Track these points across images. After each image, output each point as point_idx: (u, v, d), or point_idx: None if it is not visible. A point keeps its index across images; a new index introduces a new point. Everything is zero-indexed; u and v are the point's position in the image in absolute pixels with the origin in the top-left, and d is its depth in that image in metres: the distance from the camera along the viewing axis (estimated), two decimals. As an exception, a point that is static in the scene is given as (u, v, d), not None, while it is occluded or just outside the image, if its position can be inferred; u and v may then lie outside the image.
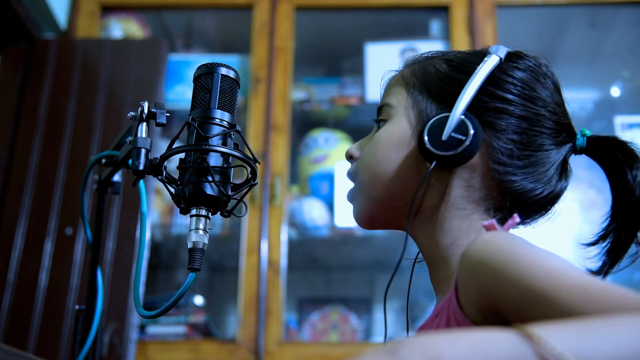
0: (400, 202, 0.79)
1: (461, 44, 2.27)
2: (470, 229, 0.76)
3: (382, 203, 0.81)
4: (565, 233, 2.11)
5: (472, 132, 0.73)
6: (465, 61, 0.80)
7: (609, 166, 0.80)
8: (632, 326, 0.44)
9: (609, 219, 0.79)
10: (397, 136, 0.80)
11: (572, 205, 2.13)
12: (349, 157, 0.87)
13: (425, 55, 0.86)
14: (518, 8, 2.44)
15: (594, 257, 0.79)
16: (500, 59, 0.78)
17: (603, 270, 0.78)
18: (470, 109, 0.75)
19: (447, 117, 0.75)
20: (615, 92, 2.58)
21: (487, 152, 0.76)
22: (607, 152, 0.80)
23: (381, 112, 0.84)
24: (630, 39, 2.58)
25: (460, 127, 0.74)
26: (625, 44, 2.59)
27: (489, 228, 0.65)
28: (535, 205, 0.79)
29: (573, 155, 0.82)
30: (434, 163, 0.74)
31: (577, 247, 0.80)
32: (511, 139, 0.76)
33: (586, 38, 2.60)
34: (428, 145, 0.74)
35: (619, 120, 2.32)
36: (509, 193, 0.77)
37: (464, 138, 0.73)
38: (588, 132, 0.81)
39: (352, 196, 0.85)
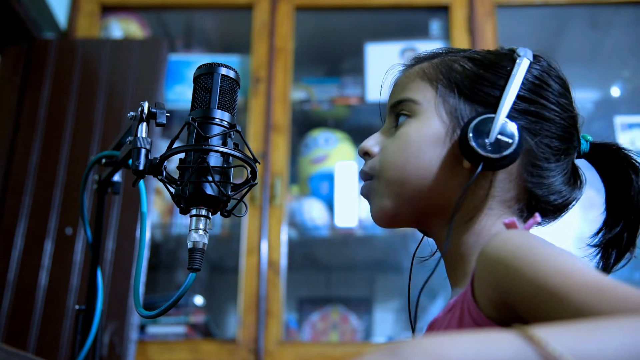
0: (426, 202, 0.78)
1: (461, 44, 2.27)
2: (499, 229, 0.76)
3: (408, 202, 0.79)
4: (565, 233, 2.11)
5: (517, 134, 0.73)
6: (493, 61, 0.80)
7: (608, 171, 0.82)
8: (636, 327, 0.44)
9: (605, 222, 0.81)
10: (430, 135, 0.78)
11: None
12: (364, 153, 0.83)
13: (439, 51, 0.84)
14: (518, 8, 2.44)
15: (594, 256, 0.80)
16: (531, 62, 0.78)
17: (604, 272, 0.79)
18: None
19: (489, 118, 0.74)
20: (615, 92, 2.58)
21: (524, 155, 0.76)
22: (609, 158, 0.81)
23: (400, 108, 0.81)
24: (630, 39, 2.58)
25: (504, 130, 0.73)
26: (625, 44, 2.59)
27: (509, 226, 0.65)
28: (558, 208, 0.80)
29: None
30: (481, 165, 0.73)
31: (580, 247, 0.81)
32: (545, 143, 0.77)
33: (586, 38, 2.60)
34: (476, 147, 0.73)
35: (619, 120, 2.32)
36: (538, 195, 0.78)
37: (510, 141, 0.73)
38: (590, 138, 0.83)
39: (370, 192, 0.82)
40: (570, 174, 0.81)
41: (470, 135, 0.74)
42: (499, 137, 0.73)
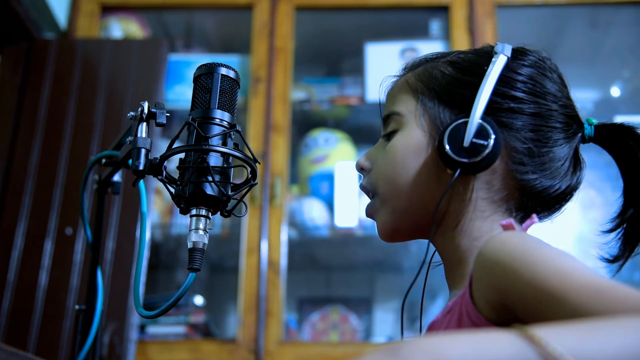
0: (422, 211, 0.79)
1: (461, 44, 2.27)
2: (492, 229, 0.76)
3: (405, 214, 0.80)
4: (565, 233, 2.11)
5: (493, 136, 0.73)
6: (471, 62, 0.80)
7: (618, 152, 0.81)
8: (635, 327, 0.44)
9: (623, 205, 0.80)
10: (412, 145, 0.79)
11: (572, 205, 2.14)
12: (360, 169, 0.85)
13: (426, 58, 0.85)
14: (518, 8, 2.44)
15: (611, 244, 0.79)
16: (508, 57, 0.77)
17: (622, 258, 0.79)
18: (484, 112, 0.74)
19: (465, 122, 0.74)
20: (615, 92, 2.58)
21: (507, 153, 0.76)
22: (616, 138, 0.80)
23: (389, 122, 0.83)
24: (630, 39, 2.57)
25: (480, 132, 0.73)
26: (625, 44, 2.58)
27: (506, 227, 0.65)
28: (554, 201, 0.80)
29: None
30: (458, 171, 0.73)
31: (596, 234, 0.81)
32: (528, 138, 0.76)
33: (586, 38, 2.60)
34: (451, 153, 0.73)
35: (619, 120, 2.32)
36: (529, 191, 0.77)
37: (485, 143, 0.72)
38: (594, 121, 0.82)
39: (373, 211, 0.83)
40: (570, 161, 0.80)
41: (446, 141, 0.74)
42: (475, 140, 0.73)
